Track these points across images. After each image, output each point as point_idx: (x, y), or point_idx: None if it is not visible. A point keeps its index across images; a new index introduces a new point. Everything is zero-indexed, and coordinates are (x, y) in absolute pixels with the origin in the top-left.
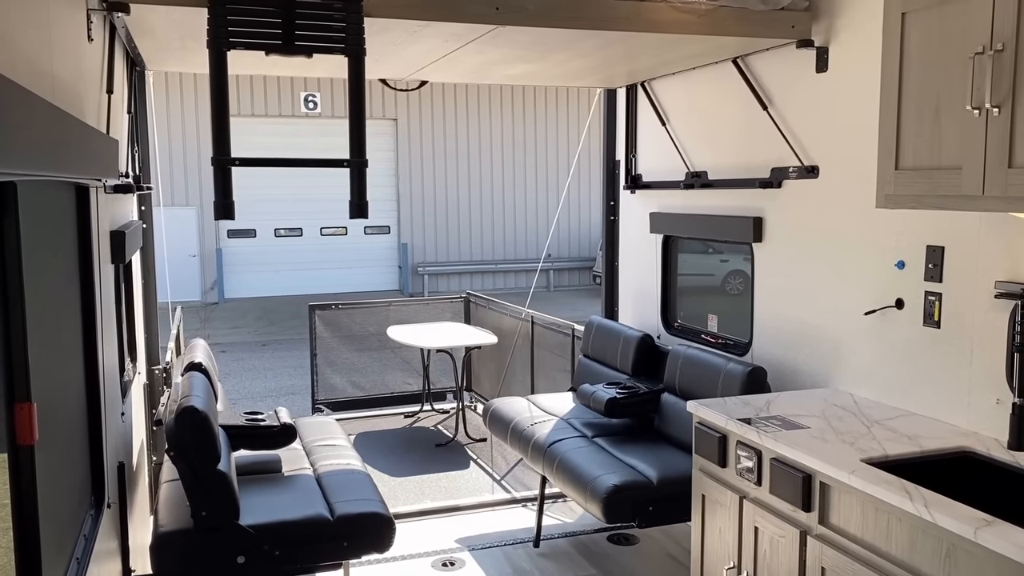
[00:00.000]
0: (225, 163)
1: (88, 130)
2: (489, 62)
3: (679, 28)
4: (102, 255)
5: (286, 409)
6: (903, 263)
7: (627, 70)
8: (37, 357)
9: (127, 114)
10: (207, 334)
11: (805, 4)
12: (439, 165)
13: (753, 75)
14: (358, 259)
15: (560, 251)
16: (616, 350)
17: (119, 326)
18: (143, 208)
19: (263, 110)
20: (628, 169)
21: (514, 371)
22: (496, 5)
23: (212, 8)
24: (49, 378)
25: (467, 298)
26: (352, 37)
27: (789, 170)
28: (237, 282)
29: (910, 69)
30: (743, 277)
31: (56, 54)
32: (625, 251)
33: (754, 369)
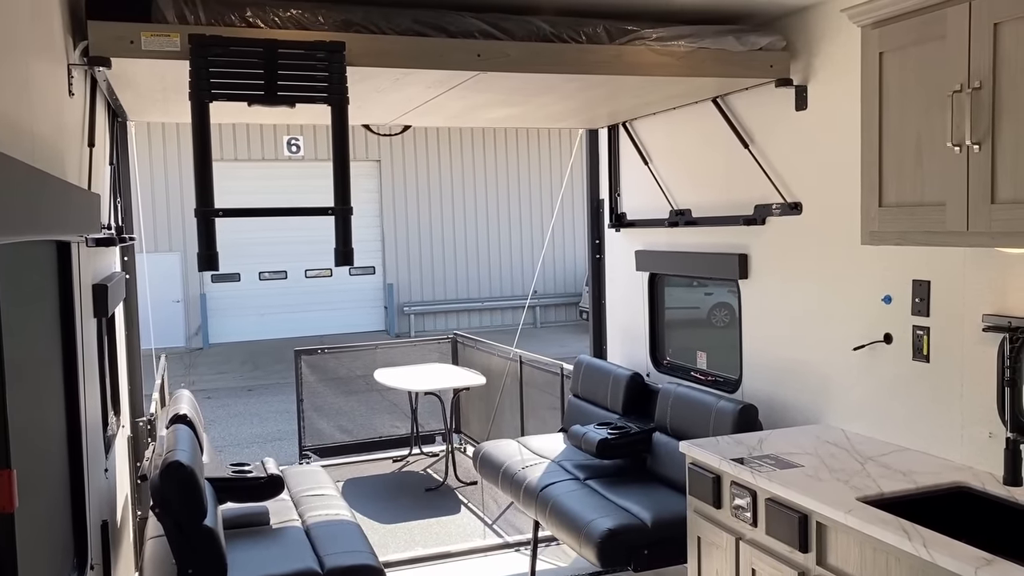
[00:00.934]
0: (209, 214)
1: (69, 188)
2: (472, 106)
3: (660, 70)
4: (84, 309)
5: (273, 459)
6: (890, 298)
7: (608, 111)
8: (16, 421)
9: (109, 165)
10: (192, 380)
11: (783, 44)
12: (423, 205)
13: (733, 114)
14: (344, 300)
15: (546, 287)
16: (606, 389)
17: (102, 380)
18: (126, 259)
19: (246, 154)
20: (612, 208)
21: (503, 412)
22: (478, 52)
23: (194, 60)
24: (29, 441)
25: (454, 338)
26: (335, 86)
27: (772, 207)
28: (222, 327)
29: (890, 107)
30: (728, 309)
31: (36, 112)
32: (612, 289)
33: (745, 407)
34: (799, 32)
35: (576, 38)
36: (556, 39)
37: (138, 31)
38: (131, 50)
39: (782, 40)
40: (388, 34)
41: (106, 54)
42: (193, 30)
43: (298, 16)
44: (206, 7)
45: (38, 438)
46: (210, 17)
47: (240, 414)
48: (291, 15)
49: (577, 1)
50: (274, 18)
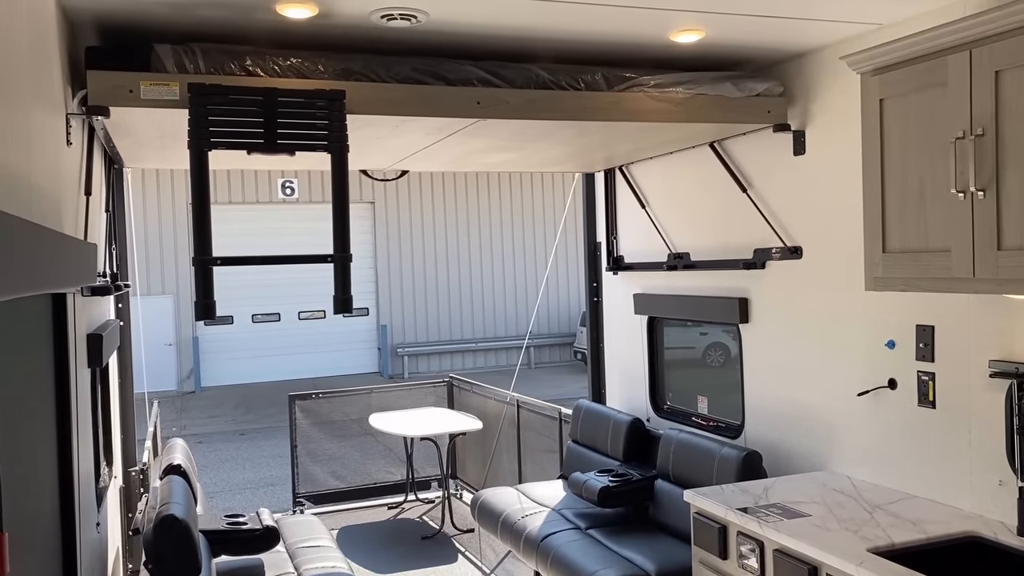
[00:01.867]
0: (207, 263)
1: (65, 240)
2: (469, 152)
3: (657, 116)
4: (79, 360)
5: (268, 510)
6: (893, 343)
7: (605, 156)
8: (8, 480)
9: (105, 212)
10: (183, 425)
11: (780, 90)
12: (417, 246)
13: (731, 158)
14: (337, 342)
15: (540, 327)
16: (606, 435)
17: (95, 430)
18: (120, 306)
19: (240, 197)
20: (610, 251)
21: (500, 457)
22: (477, 99)
23: (193, 109)
24: (21, 500)
25: (450, 382)
26: (335, 134)
27: (772, 251)
28: (214, 370)
29: (891, 153)
30: (723, 349)
31: (35, 162)
32: (610, 332)
33: (749, 454)
34: (796, 78)
35: (575, 85)
36: (555, 86)
37: (137, 80)
38: (130, 99)
39: (779, 86)
40: (388, 82)
41: (105, 103)
42: (192, 79)
43: (298, 65)
44: (206, 56)
45: (30, 496)
46: (210, 66)
47: (232, 459)
48: (291, 64)
49: (575, 48)
50: (274, 67)
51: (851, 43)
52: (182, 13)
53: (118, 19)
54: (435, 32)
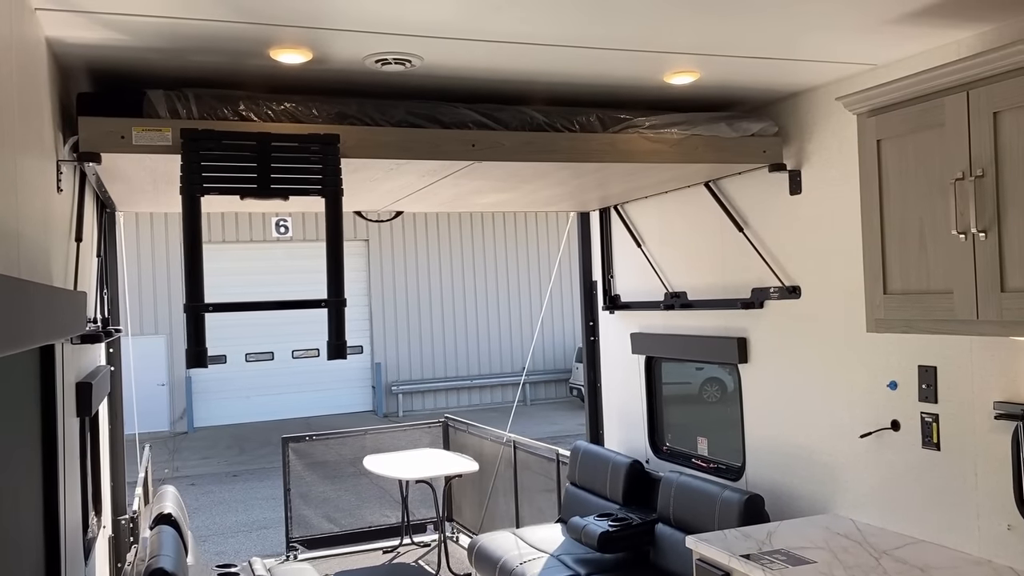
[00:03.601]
0: (198, 310)
1: (53, 292)
2: (464, 193)
3: (652, 157)
4: (67, 409)
5: (260, 559)
6: (895, 383)
7: (600, 195)
8: None
9: (97, 257)
10: (176, 466)
11: (775, 130)
12: (411, 284)
13: (727, 198)
14: (331, 380)
15: (535, 364)
16: (605, 478)
17: (83, 480)
18: (111, 351)
19: (234, 236)
20: (606, 290)
21: (497, 498)
22: (472, 142)
23: (185, 155)
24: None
25: (445, 422)
26: (329, 178)
27: (770, 291)
28: (207, 410)
29: (890, 195)
30: (720, 384)
31: (24, 211)
32: (607, 372)
33: (751, 497)
34: (791, 117)
35: (569, 127)
36: (550, 128)
37: (129, 126)
38: (122, 145)
39: (774, 126)
40: (383, 126)
41: (96, 149)
42: (185, 124)
43: (292, 109)
44: (199, 101)
45: (13, 554)
46: (203, 111)
47: (225, 501)
48: (285, 108)
49: (570, 91)
50: (268, 111)
51: (846, 83)
52: (175, 59)
53: (110, 65)
54: (429, 76)
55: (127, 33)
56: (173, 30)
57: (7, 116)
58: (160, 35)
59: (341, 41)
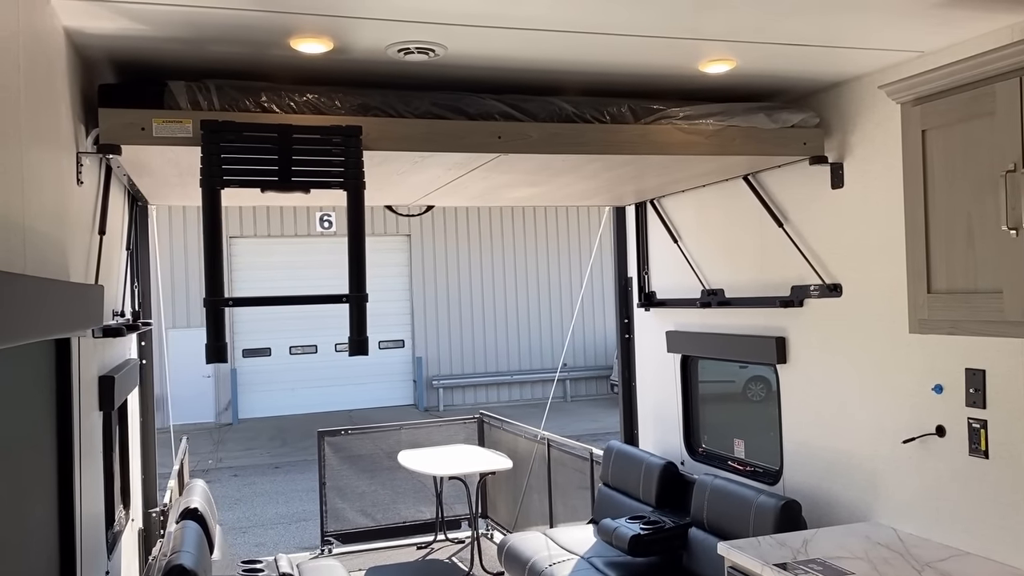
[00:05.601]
0: (218, 304)
1: (65, 287)
2: (493, 187)
3: (686, 149)
4: (88, 403)
5: (287, 557)
6: (941, 387)
7: (635, 189)
8: None
9: (126, 251)
10: (220, 457)
11: (816, 121)
12: (452, 279)
13: (766, 192)
14: (373, 374)
15: (576, 360)
16: (638, 479)
17: (109, 473)
18: (143, 344)
19: (279, 231)
20: (641, 287)
21: (531, 496)
22: (498, 133)
23: (205, 146)
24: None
25: (480, 418)
26: (351, 171)
27: (811, 288)
28: (251, 402)
29: (935, 188)
30: (765, 383)
31: (31, 204)
32: (642, 371)
33: (787, 503)
34: (833, 108)
35: (600, 118)
36: (579, 119)
37: (150, 118)
38: (143, 137)
39: (815, 117)
40: (406, 117)
41: (117, 141)
42: (206, 115)
43: (314, 100)
44: (220, 93)
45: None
46: (224, 102)
47: (266, 493)
48: (307, 100)
49: (600, 80)
50: (290, 103)
51: (891, 72)
52: (196, 50)
53: (132, 56)
54: (454, 66)
55: (146, 23)
56: (192, 19)
57: (10, 107)
58: (179, 24)
59: (363, 30)
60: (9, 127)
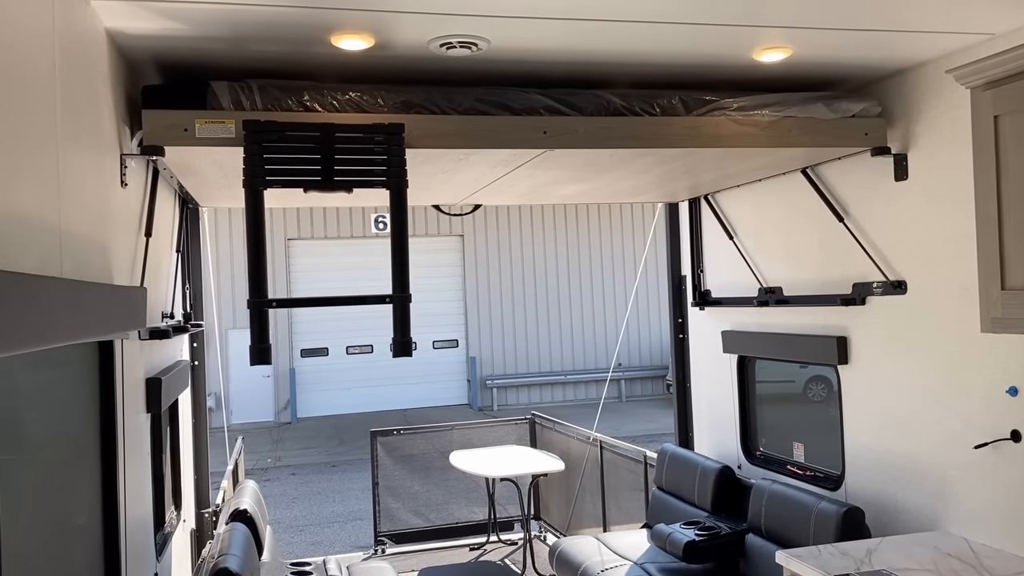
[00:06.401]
0: (262, 305)
1: (103, 290)
2: (541, 184)
3: (741, 142)
4: (134, 405)
5: (336, 559)
6: (1016, 389)
7: (688, 184)
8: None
9: (176, 252)
10: (278, 456)
11: (878, 110)
12: (505, 278)
13: (825, 185)
14: (428, 374)
15: (631, 359)
16: (693, 483)
17: (158, 475)
18: (195, 345)
19: (336, 232)
20: (695, 285)
21: (584, 498)
22: (544, 129)
23: (247, 147)
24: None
25: (532, 419)
26: (394, 169)
27: (873, 285)
28: (310, 401)
29: (1009, 178)
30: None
31: (68, 207)
32: (697, 371)
33: (850, 510)
34: (896, 96)
35: (649, 110)
36: (628, 112)
37: (192, 119)
38: (185, 138)
39: (877, 105)
40: (449, 114)
41: (160, 143)
42: (248, 115)
43: (357, 99)
44: (262, 92)
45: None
46: (267, 102)
47: (323, 491)
48: (349, 98)
49: (650, 72)
50: (332, 101)
51: (959, 56)
52: (238, 49)
53: (175, 57)
54: (497, 60)
55: (187, 22)
56: (233, 17)
57: (45, 110)
58: (220, 23)
59: (404, 24)
60: (44, 129)
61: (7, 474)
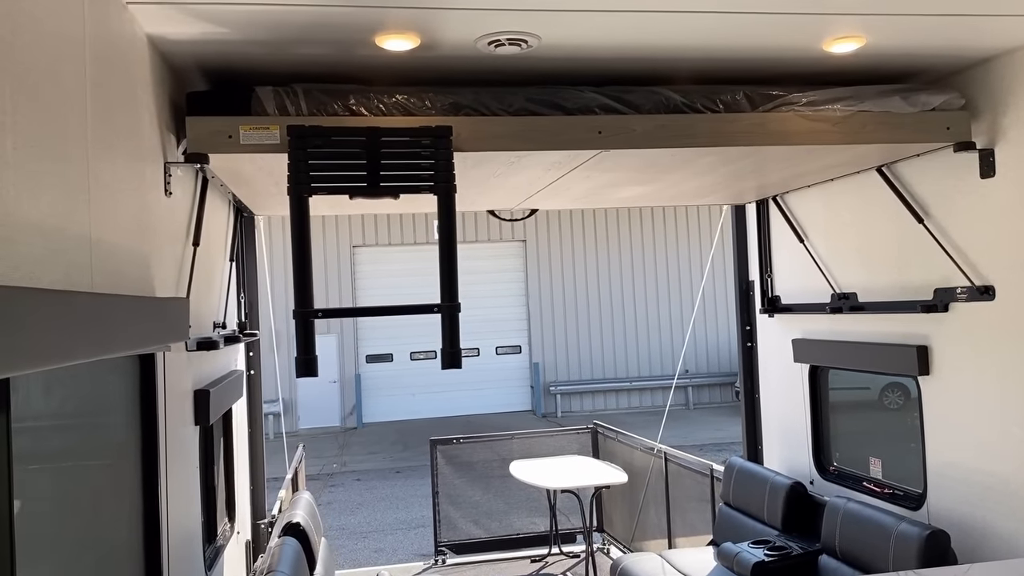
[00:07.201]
0: (307, 315)
1: (141, 303)
2: (598, 187)
3: (811, 139)
4: (180, 418)
5: (387, 570)
6: None
7: (755, 185)
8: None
9: (230, 262)
10: (344, 461)
11: (961, 102)
12: (568, 283)
13: (903, 184)
14: (491, 379)
15: (699, 366)
16: (762, 500)
17: (210, 488)
18: (251, 354)
19: (399, 239)
20: (764, 291)
21: (648, 511)
22: (598, 128)
23: (292, 153)
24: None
25: (594, 429)
26: (441, 173)
27: (957, 291)
28: (375, 406)
29: None
30: (903, 390)
31: (99, 216)
32: (766, 381)
33: (934, 533)
34: (981, 87)
35: (712, 107)
36: (688, 109)
37: (236, 125)
38: (230, 145)
39: (960, 98)
40: (499, 115)
41: (204, 150)
42: (293, 121)
43: (404, 101)
44: (308, 97)
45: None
46: (312, 107)
47: (386, 498)
48: (396, 101)
49: (712, 66)
50: (379, 105)
51: None
52: (282, 52)
53: (220, 62)
54: (548, 58)
55: (228, 25)
56: (275, 19)
57: (73, 116)
58: (262, 25)
59: (450, 22)
60: (71, 137)
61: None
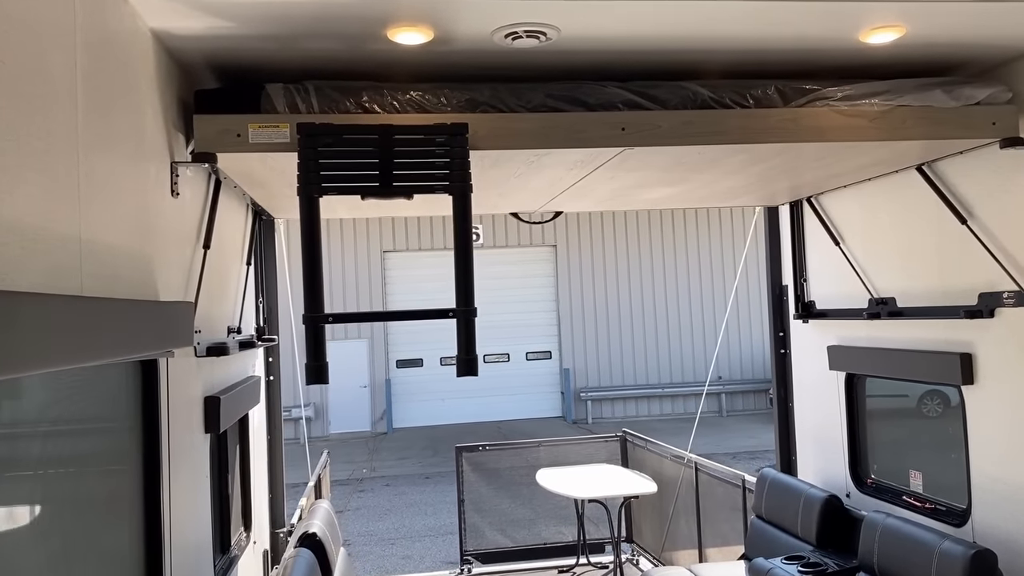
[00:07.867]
0: (317, 320)
1: (137, 306)
2: (624, 187)
3: (847, 135)
4: (188, 425)
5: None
6: None
7: (788, 186)
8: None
9: (246, 266)
10: (374, 467)
11: (1008, 96)
12: (599, 288)
13: (945, 183)
14: (521, 385)
15: (732, 372)
16: (796, 514)
17: (223, 497)
18: (271, 359)
19: (429, 244)
20: (798, 295)
21: (678, 521)
22: (622, 125)
23: (302, 152)
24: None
25: (623, 437)
26: (456, 172)
27: (1003, 296)
28: (405, 411)
29: None
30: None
31: (93, 216)
32: (801, 390)
33: (980, 552)
34: None
35: (742, 102)
36: (717, 104)
37: (245, 123)
38: (238, 144)
39: (1007, 91)
40: (518, 112)
41: (211, 149)
42: (304, 119)
43: (418, 98)
44: (319, 94)
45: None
46: (323, 104)
47: (415, 504)
48: (411, 97)
49: (741, 59)
50: (392, 102)
51: None
52: (292, 48)
53: (229, 59)
54: (568, 51)
55: (234, 19)
56: (282, 12)
57: (60, 111)
58: (269, 19)
59: (465, 14)
60: (56, 131)
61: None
